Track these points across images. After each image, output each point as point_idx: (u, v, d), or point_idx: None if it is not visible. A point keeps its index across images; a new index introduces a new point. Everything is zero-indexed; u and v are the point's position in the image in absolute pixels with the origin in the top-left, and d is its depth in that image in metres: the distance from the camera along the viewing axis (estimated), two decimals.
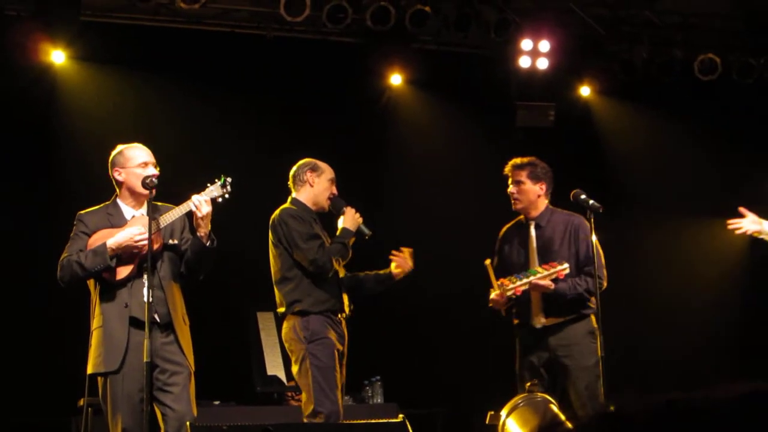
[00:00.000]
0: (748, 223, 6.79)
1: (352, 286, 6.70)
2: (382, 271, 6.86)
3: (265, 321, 8.81)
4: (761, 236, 6.79)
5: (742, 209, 6.82)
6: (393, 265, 6.84)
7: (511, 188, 6.88)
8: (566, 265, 6.60)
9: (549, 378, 6.67)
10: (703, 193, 9.73)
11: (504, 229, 7.10)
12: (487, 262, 6.73)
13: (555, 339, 6.71)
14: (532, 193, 6.89)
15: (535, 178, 6.89)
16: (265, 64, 9.55)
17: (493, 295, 6.67)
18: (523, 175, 6.88)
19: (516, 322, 6.91)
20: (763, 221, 6.76)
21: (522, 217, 7.00)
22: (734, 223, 6.83)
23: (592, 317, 6.77)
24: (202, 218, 5.74)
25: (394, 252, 6.86)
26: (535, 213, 6.91)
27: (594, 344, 6.66)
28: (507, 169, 6.95)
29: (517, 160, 6.94)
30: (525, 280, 6.52)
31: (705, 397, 1.89)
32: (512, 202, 6.91)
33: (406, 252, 6.88)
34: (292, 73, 9.65)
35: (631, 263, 10.04)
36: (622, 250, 9.52)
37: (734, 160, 10.37)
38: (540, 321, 6.72)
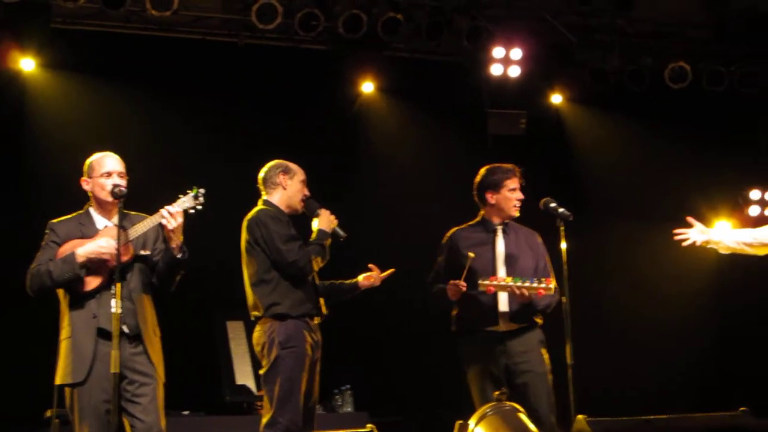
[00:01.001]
0: (696, 234, 6.33)
1: (326, 293, 6.66)
2: (347, 281, 6.88)
3: (234, 330, 8.80)
4: (710, 245, 6.35)
5: (689, 219, 6.40)
6: (362, 276, 6.85)
7: (519, 194, 6.84)
8: (552, 286, 6.50)
9: (507, 384, 6.59)
10: (674, 201, 9.75)
11: (454, 230, 6.99)
12: (471, 255, 6.62)
13: (513, 345, 6.64)
14: None
15: None
16: (236, 72, 9.53)
17: (457, 282, 6.55)
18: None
19: (459, 329, 6.82)
20: (711, 230, 6.38)
21: (478, 219, 6.97)
22: (681, 234, 6.38)
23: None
24: (172, 230, 5.69)
25: (372, 266, 6.86)
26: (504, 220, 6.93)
27: (544, 353, 6.71)
28: (520, 178, 6.87)
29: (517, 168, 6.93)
30: (512, 284, 6.45)
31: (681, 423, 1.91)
32: (516, 207, 6.83)
33: (385, 272, 6.87)
34: (263, 81, 9.64)
35: (600, 273, 10.09)
36: (591, 260, 9.58)
37: (705, 168, 10.42)
38: (502, 326, 6.66)
